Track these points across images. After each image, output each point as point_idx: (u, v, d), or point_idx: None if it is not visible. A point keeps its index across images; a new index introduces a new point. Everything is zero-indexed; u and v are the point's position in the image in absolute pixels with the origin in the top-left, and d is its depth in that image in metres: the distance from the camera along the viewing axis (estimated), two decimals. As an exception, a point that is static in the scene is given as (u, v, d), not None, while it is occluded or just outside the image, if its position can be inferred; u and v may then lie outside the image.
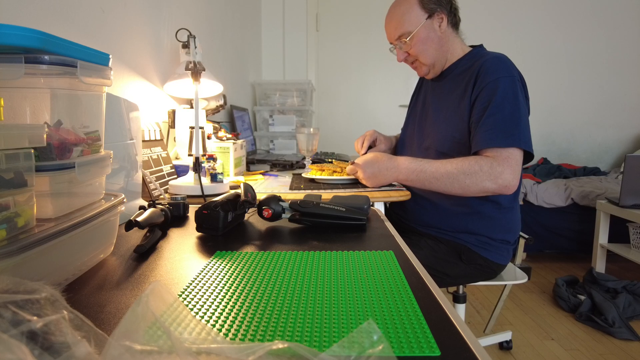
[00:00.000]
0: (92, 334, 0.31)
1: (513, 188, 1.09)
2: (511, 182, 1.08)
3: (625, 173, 2.35)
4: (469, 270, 1.24)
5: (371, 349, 0.32)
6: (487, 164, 1.08)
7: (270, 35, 3.33)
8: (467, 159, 1.12)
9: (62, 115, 0.54)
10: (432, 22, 1.26)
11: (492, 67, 1.16)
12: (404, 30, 1.27)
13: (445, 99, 1.28)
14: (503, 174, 1.07)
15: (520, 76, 1.18)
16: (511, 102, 1.11)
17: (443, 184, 1.13)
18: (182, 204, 0.90)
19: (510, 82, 1.13)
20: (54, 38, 0.50)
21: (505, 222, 1.24)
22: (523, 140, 1.09)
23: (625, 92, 3.64)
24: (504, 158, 1.08)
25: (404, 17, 1.26)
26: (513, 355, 1.80)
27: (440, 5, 1.26)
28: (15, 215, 0.44)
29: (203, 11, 1.88)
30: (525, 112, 1.14)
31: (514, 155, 1.09)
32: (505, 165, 1.07)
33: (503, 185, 1.08)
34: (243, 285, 0.52)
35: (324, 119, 3.84)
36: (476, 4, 3.57)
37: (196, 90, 1.11)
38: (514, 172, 1.08)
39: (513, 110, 1.10)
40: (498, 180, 1.07)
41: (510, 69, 1.16)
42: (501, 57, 1.20)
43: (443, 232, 1.25)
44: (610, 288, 2.20)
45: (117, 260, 0.63)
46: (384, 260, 0.61)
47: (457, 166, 1.11)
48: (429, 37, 1.26)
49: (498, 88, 1.12)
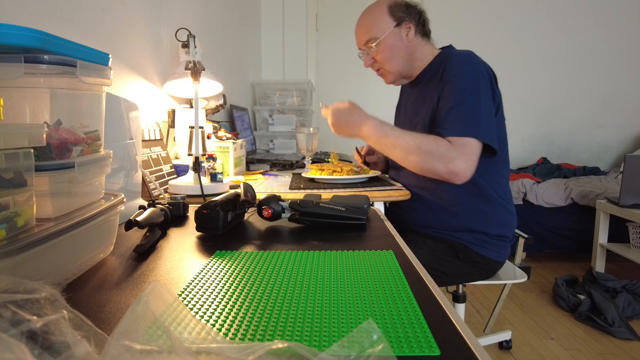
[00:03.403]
0: (91, 334, 0.31)
1: (464, 177, 1.08)
2: (462, 170, 1.07)
3: (625, 173, 2.35)
4: (467, 269, 1.24)
5: (371, 349, 0.32)
6: (444, 146, 1.08)
7: (270, 35, 3.33)
8: (428, 136, 1.12)
9: (62, 115, 0.54)
10: (399, 31, 1.27)
11: (455, 62, 1.17)
12: (372, 36, 1.29)
13: (421, 103, 1.30)
14: (455, 160, 1.07)
15: (487, 69, 1.17)
16: (471, 94, 1.11)
17: (398, 154, 1.14)
18: (182, 204, 0.90)
19: (472, 76, 1.14)
20: (54, 38, 0.49)
21: (499, 217, 1.24)
22: (482, 132, 1.09)
23: (625, 92, 3.64)
24: (460, 144, 1.08)
25: (373, 23, 1.29)
26: (513, 354, 1.80)
27: (409, 15, 1.28)
28: (14, 214, 0.44)
29: (203, 11, 1.88)
30: (488, 105, 1.13)
31: (470, 144, 1.08)
32: (459, 152, 1.07)
33: (453, 172, 1.07)
34: (243, 285, 0.52)
35: (323, 119, 3.83)
36: (477, 4, 3.57)
37: (196, 89, 1.11)
38: (467, 161, 1.07)
39: (474, 103, 1.11)
40: (449, 165, 1.07)
41: (473, 63, 1.16)
42: (465, 53, 1.20)
43: (439, 231, 1.25)
44: (609, 288, 2.20)
45: (117, 259, 0.63)
46: (383, 260, 0.61)
47: (416, 141, 1.11)
48: (395, 45, 1.28)
49: (459, 82, 1.13)
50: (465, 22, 3.55)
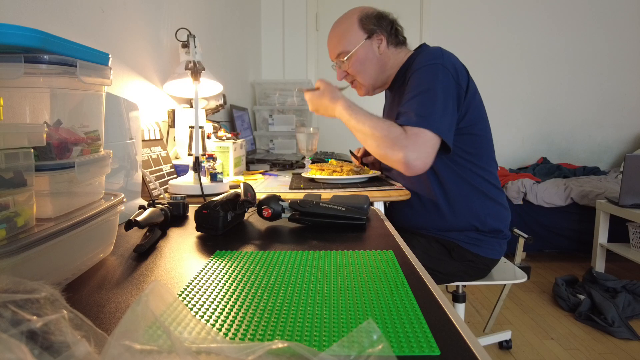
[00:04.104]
0: (91, 334, 0.31)
1: (414, 169, 1.06)
2: (413, 161, 1.05)
3: (624, 173, 2.35)
4: (461, 267, 1.24)
5: (371, 349, 0.32)
6: (396, 132, 1.07)
7: (270, 34, 3.33)
8: (385, 122, 1.11)
9: (62, 115, 0.54)
10: (371, 43, 1.27)
11: (420, 59, 1.17)
12: (343, 49, 1.28)
13: (396, 106, 1.29)
14: (406, 149, 1.05)
15: (451, 62, 1.15)
16: (428, 86, 1.10)
17: (360, 137, 1.17)
18: (182, 204, 0.90)
19: (432, 69, 1.12)
20: (54, 37, 0.49)
21: (490, 212, 1.22)
22: (435, 125, 1.06)
23: (625, 92, 3.64)
24: (412, 134, 1.06)
25: (343, 36, 1.27)
26: (513, 354, 1.80)
27: (380, 27, 1.26)
28: (14, 214, 0.44)
29: (203, 11, 1.88)
30: (444, 97, 1.10)
31: (423, 135, 1.06)
32: (410, 141, 1.05)
33: (402, 162, 1.06)
34: (243, 285, 0.52)
35: (323, 119, 3.82)
36: (477, 4, 3.57)
37: (196, 89, 1.11)
38: (418, 151, 1.05)
39: (428, 94, 1.09)
40: (399, 154, 1.05)
41: (435, 57, 1.14)
42: (430, 49, 1.20)
43: (431, 231, 1.26)
44: (609, 287, 2.20)
45: (117, 259, 0.63)
46: (383, 260, 0.61)
47: (373, 125, 1.11)
48: (367, 58, 1.27)
49: (419, 75, 1.13)
50: (465, 22, 3.55)
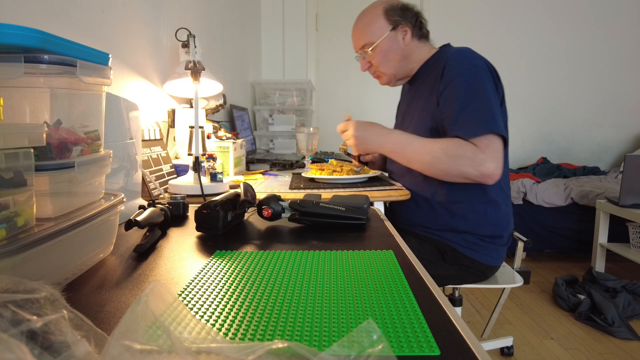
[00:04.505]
0: (91, 334, 0.31)
1: (496, 177, 1.07)
2: (494, 171, 1.06)
3: (624, 172, 2.35)
4: (453, 271, 1.21)
5: (371, 348, 0.32)
6: (470, 149, 1.07)
7: (270, 34, 3.33)
8: (452, 140, 1.10)
9: (62, 115, 0.54)
10: (395, 34, 1.27)
11: (454, 62, 1.16)
12: (367, 41, 1.28)
13: (417, 102, 1.29)
14: (486, 162, 1.06)
15: (487, 64, 1.16)
16: (477, 91, 1.10)
17: (426, 162, 1.12)
18: (182, 204, 0.90)
19: (473, 73, 1.12)
20: (54, 37, 0.49)
21: (491, 216, 1.20)
22: (498, 127, 1.07)
23: (625, 92, 3.65)
24: (484, 146, 1.06)
25: (368, 27, 1.28)
26: (513, 354, 1.80)
27: (405, 18, 1.26)
28: (14, 214, 0.44)
29: (203, 11, 1.88)
30: (494, 99, 1.12)
31: (494, 142, 1.07)
32: (487, 153, 1.06)
33: (486, 174, 1.06)
34: (243, 285, 0.52)
35: (323, 119, 3.83)
36: (477, 4, 3.57)
37: (196, 89, 1.11)
38: (496, 160, 1.06)
39: (481, 99, 1.09)
40: (480, 168, 1.06)
41: (471, 60, 1.15)
42: (463, 50, 1.19)
43: (427, 230, 1.23)
44: (609, 287, 2.20)
45: (117, 259, 0.63)
46: (383, 260, 0.61)
47: (442, 146, 1.10)
48: (391, 49, 1.27)
49: (462, 81, 1.12)
50: (465, 22, 3.55)
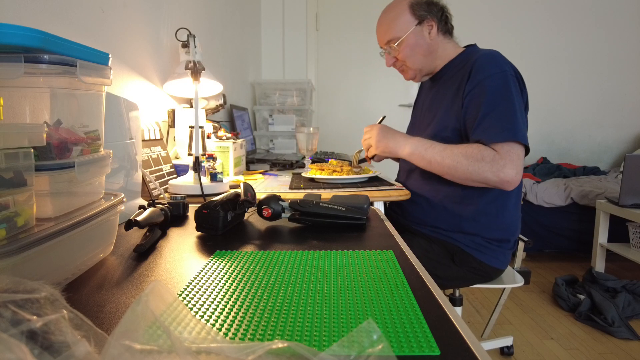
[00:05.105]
0: (91, 334, 0.31)
1: (515, 183, 1.08)
2: (513, 177, 1.07)
3: (624, 172, 2.35)
4: (461, 273, 1.21)
5: (371, 348, 0.32)
6: (489, 155, 1.08)
7: (270, 34, 3.32)
8: (472, 145, 1.11)
9: (62, 115, 0.54)
10: (421, 29, 1.26)
11: (483, 64, 1.16)
12: (393, 36, 1.27)
13: (440, 100, 1.28)
14: (505, 168, 1.06)
15: (514, 70, 1.16)
16: (504, 97, 1.10)
17: (446, 165, 1.12)
18: (182, 204, 0.90)
19: (502, 78, 1.12)
20: (54, 37, 0.49)
21: (500, 220, 1.21)
22: (521, 135, 1.08)
23: (625, 92, 3.65)
24: (505, 152, 1.07)
25: (394, 22, 1.27)
26: (513, 354, 1.80)
27: (431, 13, 1.26)
28: (14, 214, 0.44)
29: (203, 11, 1.88)
30: (520, 106, 1.13)
31: (515, 149, 1.08)
32: (507, 160, 1.07)
33: (505, 180, 1.07)
34: (243, 285, 0.52)
35: (323, 119, 3.84)
36: (477, 3, 3.57)
37: (196, 89, 1.11)
38: (515, 167, 1.07)
39: (507, 105, 1.10)
40: (500, 174, 1.07)
41: (501, 65, 1.15)
42: (492, 53, 1.19)
43: (437, 230, 1.23)
44: (609, 287, 2.20)
45: (117, 259, 0.63)
46: (383, 260, 0.61)
47: (462, 150, 1.10)
48: (417, 44, 1.27)
49: (490, 86, 1.12)
50: (465, 22, 3.54)
